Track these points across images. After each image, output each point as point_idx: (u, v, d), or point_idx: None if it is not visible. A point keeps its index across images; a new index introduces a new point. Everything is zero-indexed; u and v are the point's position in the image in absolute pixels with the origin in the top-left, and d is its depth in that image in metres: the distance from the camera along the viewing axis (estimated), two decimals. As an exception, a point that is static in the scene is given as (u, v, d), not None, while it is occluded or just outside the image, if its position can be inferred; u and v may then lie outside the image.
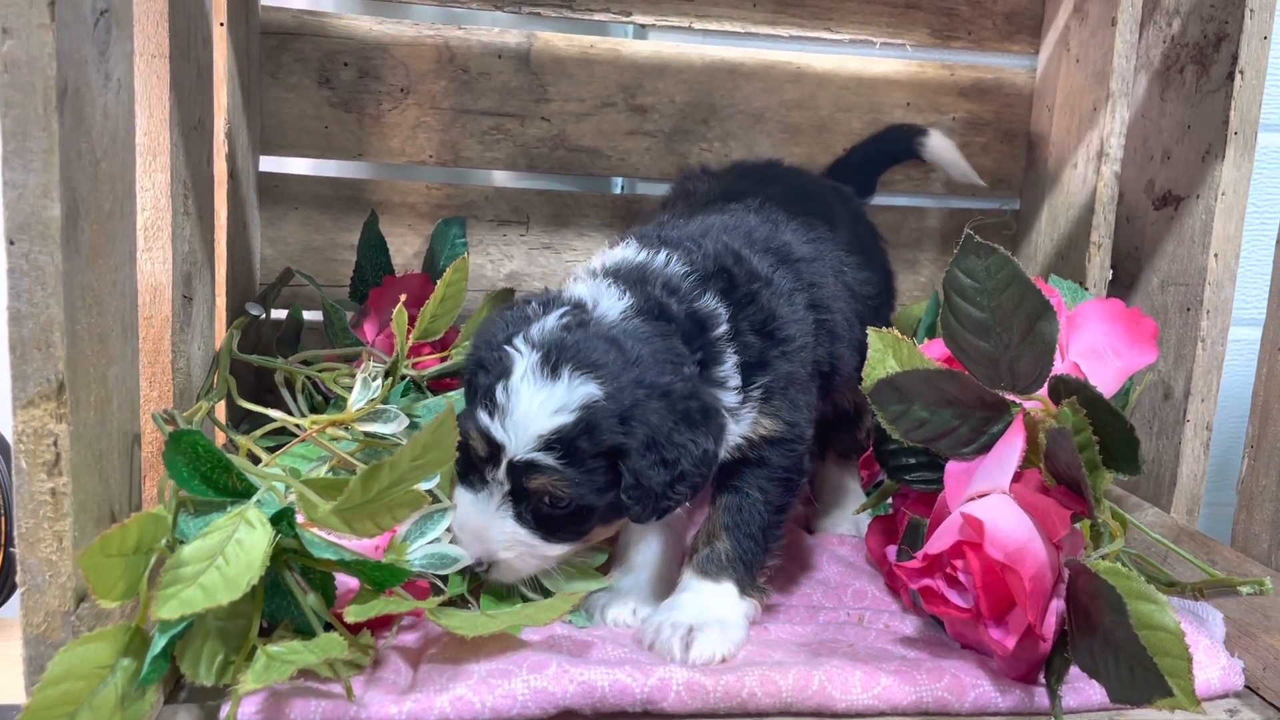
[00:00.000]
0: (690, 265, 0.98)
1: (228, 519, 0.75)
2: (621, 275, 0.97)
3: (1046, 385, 0.91)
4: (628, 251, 1.01)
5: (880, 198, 1.49)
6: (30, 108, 0.67)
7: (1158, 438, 1.21)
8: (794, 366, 1.00)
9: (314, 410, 1.11)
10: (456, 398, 1.07)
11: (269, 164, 1.43)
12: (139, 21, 0.91)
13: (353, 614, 0.77)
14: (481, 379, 0.91)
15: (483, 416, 0.88)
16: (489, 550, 0.91)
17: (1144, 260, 1.26)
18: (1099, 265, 1.35)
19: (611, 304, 0.94)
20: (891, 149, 1.48)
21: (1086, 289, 1.34)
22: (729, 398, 0.96)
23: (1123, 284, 1.30)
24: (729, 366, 0.96)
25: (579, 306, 0.93)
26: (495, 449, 0.89)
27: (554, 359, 0.87)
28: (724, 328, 0.96)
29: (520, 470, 0.88)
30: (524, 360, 0.88)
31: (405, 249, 1.46)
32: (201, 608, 0.69)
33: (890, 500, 1.11)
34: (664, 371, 0.90)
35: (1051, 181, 1.47)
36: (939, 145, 1.45)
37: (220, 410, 1.10)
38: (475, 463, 0.91)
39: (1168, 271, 1.21)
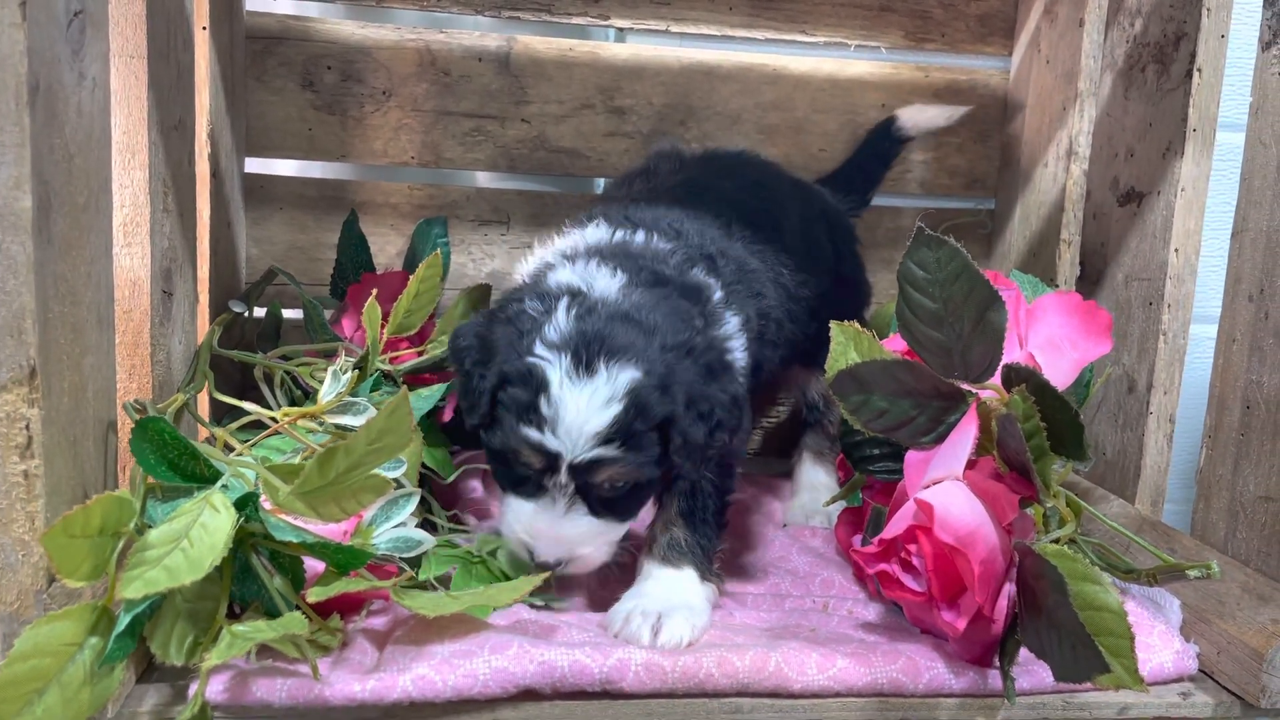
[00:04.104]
0: (672, 244, 1.02)
1: (193, 504, 0.77)
2: (605, 254, 0.99)
3: (1000, 375, 0.93)
4: (600, 232, 1.04)
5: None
6: (2, 103, 0.69)
7: (1122, 430, 1.22)
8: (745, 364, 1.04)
9: (293, 404, 1.13)
10: (428, 393, 1.09)
11: (255, 165, 1.45)
12: (117, 23, 0.93)
13: (315, 594, 0.79)
14: (515, 394, 0.90)
15: (529, 432, 0.89)
16: (570, 549, 0.94)
17: (1109, 256, 1.28)
18: (1069, 262, 1.37)
19: (607, 283, 0.95)
20: (876, 149, 1.50)
21: (1057, 285, 1.37)
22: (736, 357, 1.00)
23: (1089, 279, 1.32)
24: (732, 327, 1.00)
25: (577, 293, 0.94)
26: (552, 458, 0.90)
27: (584, 355, 0.88)
28: (720, 294, 1.00)
29: (583, 469, 0.90)
30: (557, 366, 0.89)
31: (388, 249, 1.49)
32: (165, 587, 0.71)
33: (861, 492, 1.13)
34: (679, 330, 0.93)
35: (1024, 180, 1.49)
36: (911, 116, 1.48)
37: (205, 405, 1.13)
38: (528, 474, 0.93)
39: (1131, 266, 1.23)
